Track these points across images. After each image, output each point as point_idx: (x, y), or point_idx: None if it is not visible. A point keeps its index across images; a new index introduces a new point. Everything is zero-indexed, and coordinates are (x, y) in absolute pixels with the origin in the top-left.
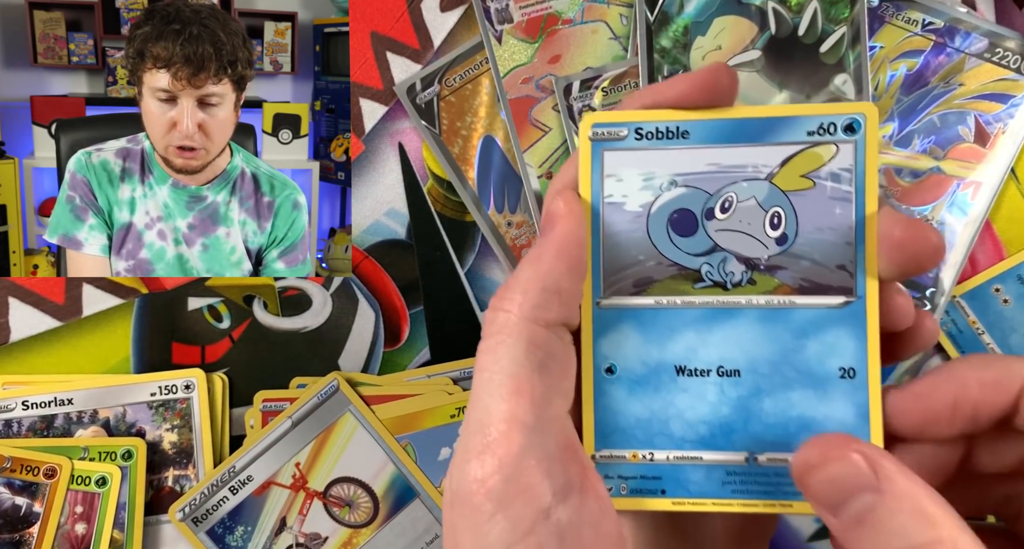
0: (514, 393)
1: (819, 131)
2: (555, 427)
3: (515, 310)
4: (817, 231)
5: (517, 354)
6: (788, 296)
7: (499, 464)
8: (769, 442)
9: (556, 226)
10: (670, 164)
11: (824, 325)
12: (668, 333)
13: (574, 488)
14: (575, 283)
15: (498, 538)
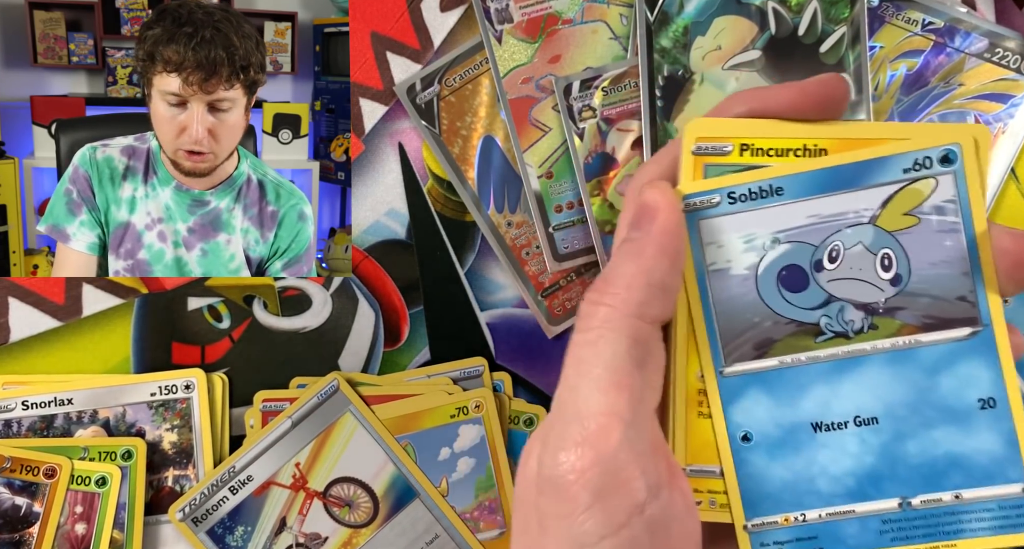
0: (615, 387)
1: (915, 167)
2: (649, 424)
3: (619, 305)
4: (931, 266)
5: (619, 349)
6: (913, 335)
7: (598, 456)
8: (920, 484)
9: (656, 219)
10: (769, 223)
11: (954, 358)
12: (798, 392)
13: (664, 484)
14: (677, 279)
15: (593, 529)
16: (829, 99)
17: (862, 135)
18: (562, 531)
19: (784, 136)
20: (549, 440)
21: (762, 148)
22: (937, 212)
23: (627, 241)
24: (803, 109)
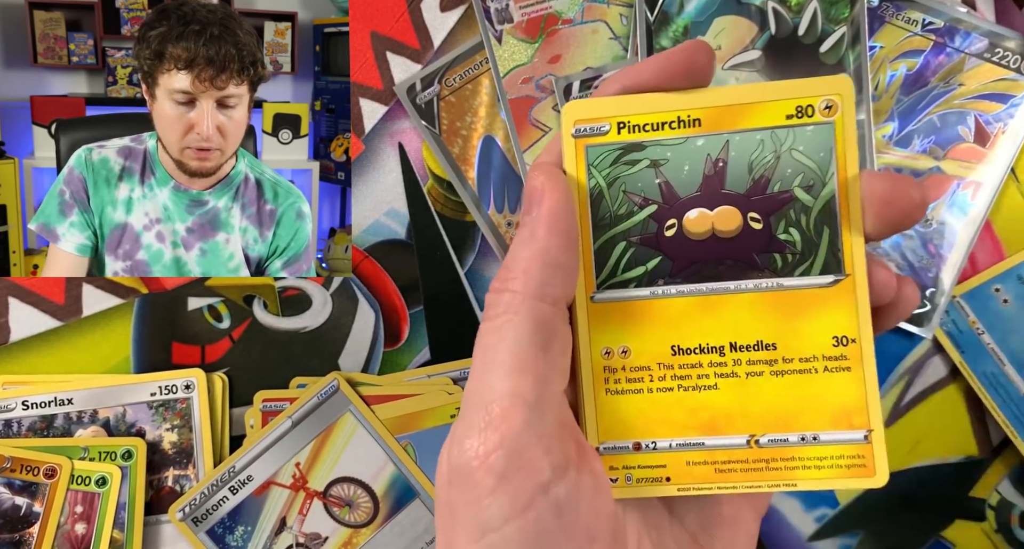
0: (518, 371)
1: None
2: (554, 405)
3: (520, 289)
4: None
5: (523, 333)
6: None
7: (501, 439)
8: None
9: (544, 200)
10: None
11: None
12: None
13: (571, 465)
14: (572, 257)
15: (498, 512)
16: (694, 65)
17: (734, 100)
18: (469, 517)
19: (658, 110)
20: (456, 431)
21: (638, 124)
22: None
23: (520, 227)
24: (671, 77)
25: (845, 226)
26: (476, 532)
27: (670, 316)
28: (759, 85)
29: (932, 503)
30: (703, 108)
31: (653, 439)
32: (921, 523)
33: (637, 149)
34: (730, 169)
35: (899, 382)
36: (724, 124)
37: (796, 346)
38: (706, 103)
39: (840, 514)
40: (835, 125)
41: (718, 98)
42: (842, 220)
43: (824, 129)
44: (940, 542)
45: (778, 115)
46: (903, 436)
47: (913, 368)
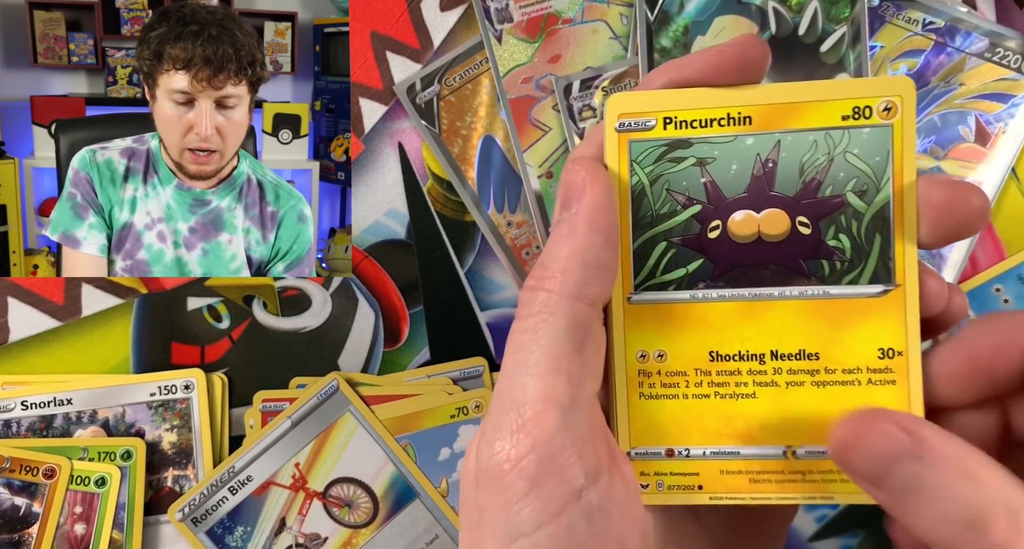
0: (551, 372)
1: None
2: (588, 408)
3: (556, 288)
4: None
5: (558, 333)
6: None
7: (534, 443)
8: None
9: (584, 196)
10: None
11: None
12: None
13: (604, 470)
14: (612, 257)
15: (529, 517)
16: (747, 60)
17: (788, 98)
18: (498, 522)
19: (706, 106)
20: (486, 431)
21: (685, 120)
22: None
23: (558, 223)
24: (723, 72)
25: (898, 235)
26: (506, 536)
27: (709, 321)
28: (815, 83)
29: None
30: (754, 105)
31: (687, 446)
32: None
33: (683, 146)
34: (780, 170)
35: None
36: (776, 123)
37: (840, 357)
38: (758, 100)
39: (841, 514)
40: (893, 128)
41: (771, 95)
42: (895, 228)
43: (881, 132)
44: None
45: (833, 115)
46: None
47: None
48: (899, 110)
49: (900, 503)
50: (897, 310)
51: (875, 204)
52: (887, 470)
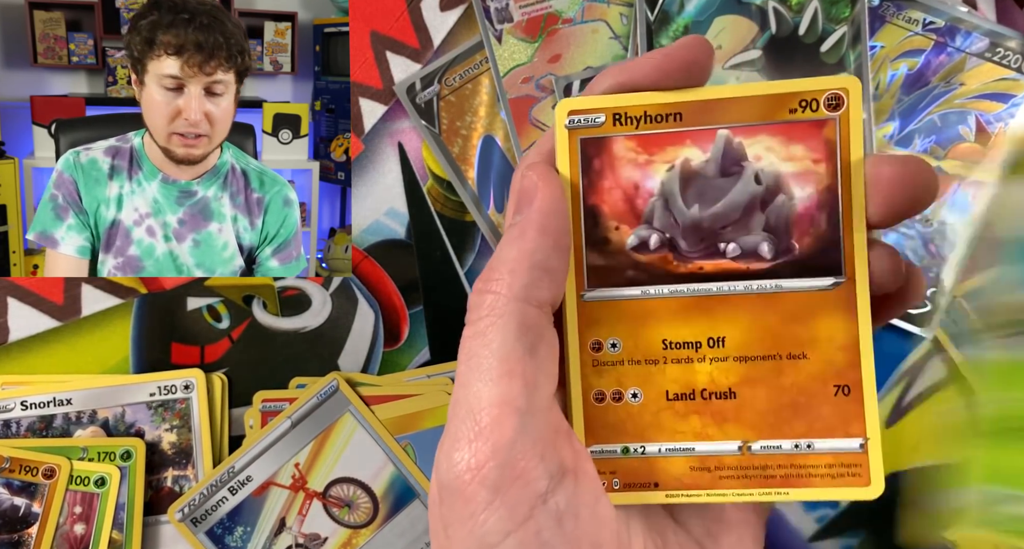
0: (505, 376)
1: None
2: (545, 410)
3: (504, 291)
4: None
5: (508, 336)
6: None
7: (493, 450)
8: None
9: (535, 200)
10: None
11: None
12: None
13: (568, 471)
14: (562, 260)
15: (495, 526)
16: (693, 63)
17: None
18: (465, 535)
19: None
20: (444, 443)
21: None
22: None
23: (509, 227)
24: (669, 74)
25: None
26: (475, 548)
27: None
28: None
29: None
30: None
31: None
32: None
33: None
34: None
35: (899, 383)
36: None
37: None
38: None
39: (841, 515)
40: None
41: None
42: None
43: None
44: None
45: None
46: (904, 436)
47: (913, 369)
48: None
49: None
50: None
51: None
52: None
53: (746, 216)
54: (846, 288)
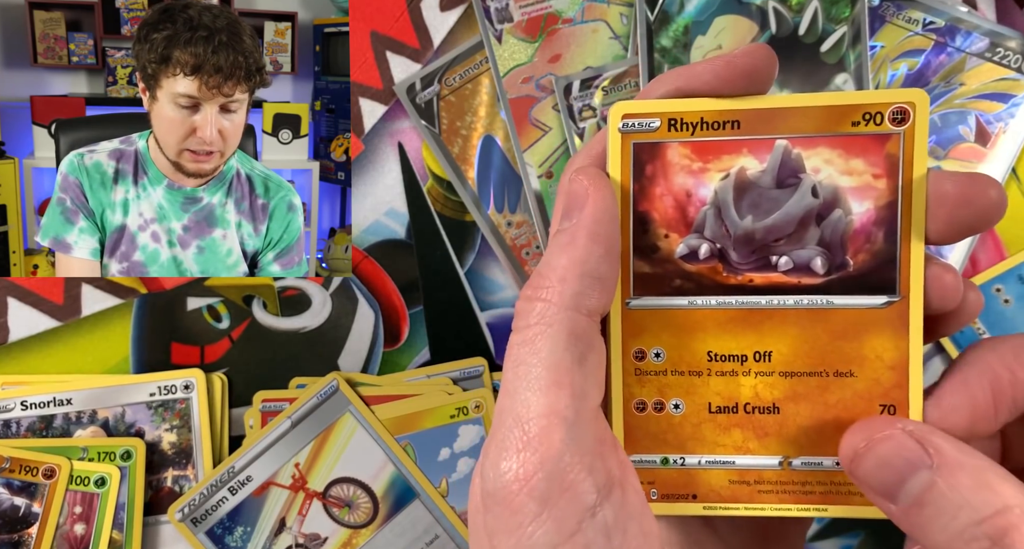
0: (554, 386)
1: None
2: (593, 421)
3: (555, 299)
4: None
5: (558, 345)
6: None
7: (541, 461)
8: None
9: (586, 205)
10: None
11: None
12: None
13: (615, 484)
14: (612, 268)
15: (543, 539)
16: (756, 70)
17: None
18: (511, 546)
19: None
20: (490, 451)
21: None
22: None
23: (559, 232)
24: (730, 83)
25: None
26: None
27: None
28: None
29: None
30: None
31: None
32: None
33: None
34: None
35: None
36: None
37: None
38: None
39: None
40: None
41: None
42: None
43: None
44: None
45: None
46: None
47: None
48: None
49: (914, 516)
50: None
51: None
52: (900, 480)
53: (801, 229)
54: (899, 307)
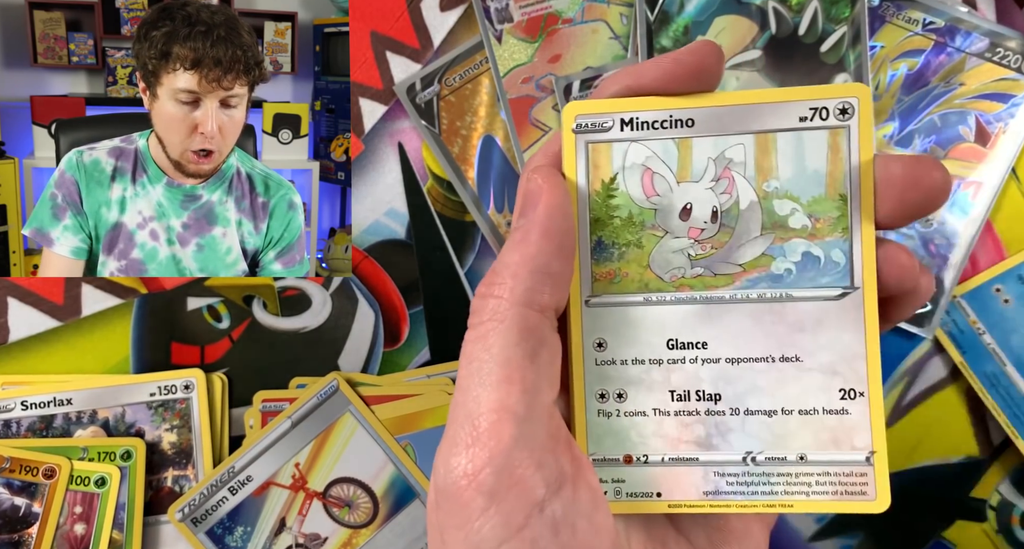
0: (504, 381)
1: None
2: (545, 417)
3: (506, 295)
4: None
5: (509, 341)
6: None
7: (490, 456)
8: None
9: (539, 203)
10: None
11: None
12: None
13: (567, 479)
14: (566, 264)
15: (490, 534)
16: (704, 68)
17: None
18: (460, 541)
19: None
20: (442, 448)
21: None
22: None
23: (513, 230)
24: (679, 80)
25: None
26: None
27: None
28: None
29: (933, 503)
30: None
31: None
32: (921, 524)
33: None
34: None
35: (900, 382)
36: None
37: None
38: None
39: (840, 515)
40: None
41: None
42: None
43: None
44: (941, 543)
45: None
46: (904, 437)
47: (914, 368)
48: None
49: None
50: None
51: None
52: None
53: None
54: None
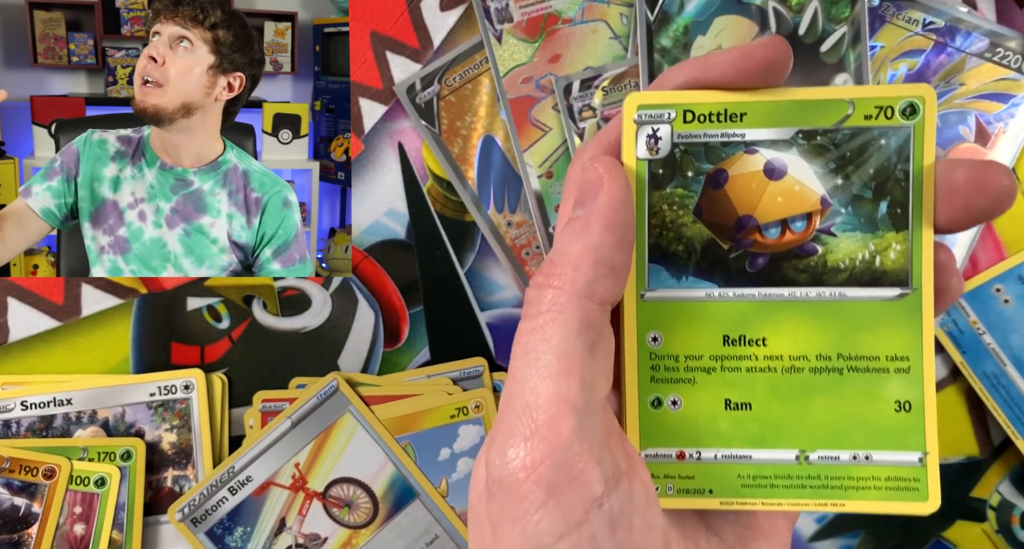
0: (564, 373)
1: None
2: (602, 411)
3: (567, 286)
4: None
5: (569, 333)
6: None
7: (549, 449)
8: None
9: (600, 193)
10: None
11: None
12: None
13: (623, 475)
14: (626, 257)
15: (548, 528)
16: (772, 62)
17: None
18: (515, 535)
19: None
20: (496, 439)
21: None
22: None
23: (572, 220)
24: (746, 74)
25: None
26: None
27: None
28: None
29: None
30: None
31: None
32: (922, 523)
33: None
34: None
35: None
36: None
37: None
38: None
39: (840, 514)
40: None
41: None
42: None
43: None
44: (941, 542)
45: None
46: None
47: None
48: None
49: None
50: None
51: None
52: None
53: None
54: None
